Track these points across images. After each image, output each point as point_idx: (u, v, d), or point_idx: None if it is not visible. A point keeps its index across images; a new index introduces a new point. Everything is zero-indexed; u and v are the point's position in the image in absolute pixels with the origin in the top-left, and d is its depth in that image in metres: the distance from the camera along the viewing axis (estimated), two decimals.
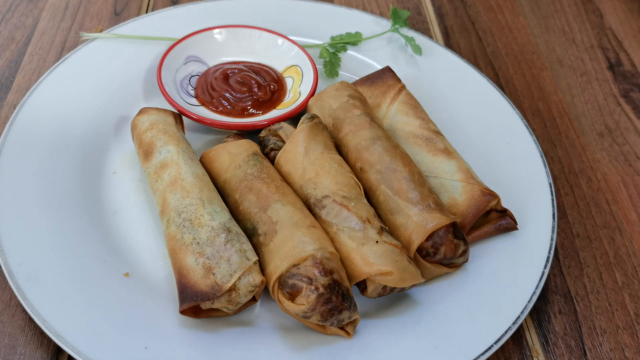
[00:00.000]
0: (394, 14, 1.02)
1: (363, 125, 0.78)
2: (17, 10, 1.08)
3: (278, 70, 0.94)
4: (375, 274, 0.65)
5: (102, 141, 0.84)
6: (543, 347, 0.72)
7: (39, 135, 0.81)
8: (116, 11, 1.09)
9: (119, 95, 0.89)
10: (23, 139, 0.80)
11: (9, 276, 0.66)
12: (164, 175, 0.73)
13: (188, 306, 0.63)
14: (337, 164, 0.73)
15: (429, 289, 0.71)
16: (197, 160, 0.77)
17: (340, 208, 0.69)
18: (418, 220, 0.69)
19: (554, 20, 1.19)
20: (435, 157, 0.79)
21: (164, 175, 0.73)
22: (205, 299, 0.62)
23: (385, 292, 0.67)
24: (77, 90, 0.88)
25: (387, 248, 0.66)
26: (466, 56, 1.07)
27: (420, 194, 0.71)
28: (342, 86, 0.84)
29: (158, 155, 0.75)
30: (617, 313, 0.75)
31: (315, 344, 0.65)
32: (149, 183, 0.75)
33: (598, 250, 0.82)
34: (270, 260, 0.65)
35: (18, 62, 0.98)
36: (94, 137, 0.84)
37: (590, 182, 0.90)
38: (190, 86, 0.91)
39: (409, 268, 0.66)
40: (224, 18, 0.99)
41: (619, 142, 0.97)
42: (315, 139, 0.75)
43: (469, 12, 1.18)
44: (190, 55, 0.94)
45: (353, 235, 0.67)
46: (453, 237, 0.70)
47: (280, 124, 0.81)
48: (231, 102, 0.88)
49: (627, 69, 1.09)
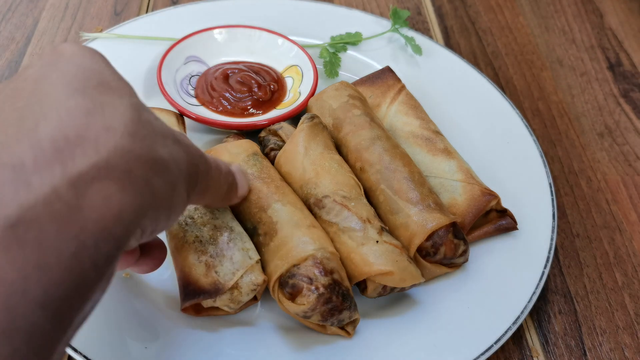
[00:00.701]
0: (394, 14, 1.02)
1: (363, 125, 0.78)
2: (17, 10, 1.08)
3: (278, 70, 0.94)
4: (375, 273, 0.65)
5: None
6: (543, 347, 0.72)
7: None
8: (116, 11, 1.09)
9: None
10: None
11: None
12: None
13: (190, 304, 0.63)
14: (337, 164, 0.73)
15: (429, 289, 0.72)
16: None
17: (340, 208, 0.69)
18: (418, 220, 0.69)
19: (554, 20, 1.19)
20: (435, 157, 0.79)
21: None
22: (207, 296, 0.62)
23: (386, 292, 0.67)
24: None
25: (387, 248, 0.66)
26: (466, 56, 1.07)
27: (420, 194, 0.71)
28: (342, 86, 0.84)
29: None
30: (617, 313, 0.75)
31: (315, 344, 0.65)
32: None
33: (598, 250, 0.82)
34: (271, 260, 0.65)
35: (18, 62, 0.98)
36: None
37: (590, 182, 0.90)
38: (190, 86, 0.91)
39: (409, 268, 0.66)
40: (224, 18, 0.99)
41: (619, 142, 0.97)
42: (315, 139, 0.75)
43: (469, 12, 1.18)
44: (190, 55, 0.94)
45: (353, 235, 0.67)
46: (453, 237, 0.70)
47: (280, 124, 0.81)
48: (231, 102, 0.88)
49: (627, 69, 1.10)
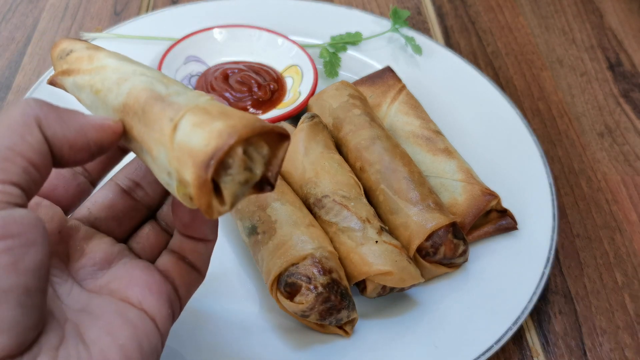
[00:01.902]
0: (394, 14, 1.02)
1: (363, 124, 0.78)
2: (17, 10, 1.08)
3: (278, 70, 0.94)
4: (374, 273, 0.65)
5: None
6: (543, 347, 0.72)
7: None
8: (116, 11, 1.09)
9: None
10: None
11: None
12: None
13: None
14: (337, 164, 0.73)
15: (429, 289, 0.71)
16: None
17: (340, 208, 0.69)
18: (418, 220, 0.69)
19: (554, 20, 1.19)
20: (435, 157, 0.79)
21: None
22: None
23: (385, 292, 0.67)
24: None
25: (387, 248, 0.66)
26: (466, 56, 1.07)
27: (420, 194, 0.71)
28: (343, 86, 0.84)
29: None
30: (617, 313, 0.75)
31: (314, 344, 0.65)
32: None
33: (598, 251, 0.82)
34: (270, 259, 0.65)
35: (18, 62, 0.98)
36: None
37: (591, 182, 0.90)
38: (190, 86, 0.91)
39: (409, 268, 0.66)
40: (224, 18, 0.99)
41: (619, 142, 0.97)
42: (315, 139, 0.75)
43: (469, 12, 1.18)
44: (190, 55, 0.94)
45: (352, 235, 0.67)
46: (453, 237, 0.70)
47: (280, 124, 0.81)
48: (231, 101, 0.88)
49: (627, 69, 1.09)
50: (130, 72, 0.48)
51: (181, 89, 0.45)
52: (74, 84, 0.53)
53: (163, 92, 0.44)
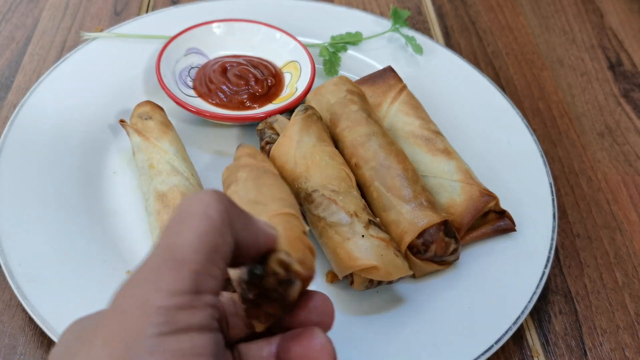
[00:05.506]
0: (394, 14, 1.02)
1: (359, 121, 0.78)
2: (17, 10, 1.07)
3: (278, 65, 0.95)
4: (359, 268, 0.65)
5: (102, 141, 0.84)
6: (543, 347, 0.72)
7: (39, 135, 0.81)
8: (116, 11, 1.09)
9: (119, 95, 0.89)
10: (23, 139, 0.80)
11: (9, 276, 0.66)
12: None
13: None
14: (328, 157, 0.73)
15: (429, 289, 0.71)
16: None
17: (328, 202, 0.69)
18: (410, 217, 0.69)
19: (554, 20, 1.19)
20: (435, 157, 0.79)
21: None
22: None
23: (373, 285, 0.67)
24: (77, 90, 0.88)
25: (373, 242, 0.66)
26: (466, 56, 1.07)
27: (413, 192, 0.71)
28: (341, 81, 0.84)
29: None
30: (617, 313, 0.75)
31: None
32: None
33: (598, 250, 0.82)
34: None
35: (18, 62, 0.98)
36: (94, 137, 0.84)
37: (591, 182, 0.90)
38: (189, 78, 0.92)
39: (395, 261, 0.65)
40: (224, 18, 0.99)
41: (620, 142, 0.97)
42: (307, 131, 0.74)
43: (469, 12, 1.18)
44: (191, 47, 0.94)
45: (339, 229, 0.67)
46: (444, 236, 0.69)
47: (275, 117, 0.80)
48: (227, 94, 0.88)
49: (627, 69, 1.09)
50: (179, 170, 0.72)
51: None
52: (138, 143, 0.75)
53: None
